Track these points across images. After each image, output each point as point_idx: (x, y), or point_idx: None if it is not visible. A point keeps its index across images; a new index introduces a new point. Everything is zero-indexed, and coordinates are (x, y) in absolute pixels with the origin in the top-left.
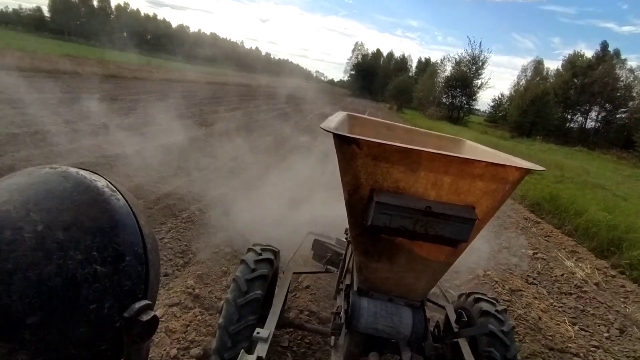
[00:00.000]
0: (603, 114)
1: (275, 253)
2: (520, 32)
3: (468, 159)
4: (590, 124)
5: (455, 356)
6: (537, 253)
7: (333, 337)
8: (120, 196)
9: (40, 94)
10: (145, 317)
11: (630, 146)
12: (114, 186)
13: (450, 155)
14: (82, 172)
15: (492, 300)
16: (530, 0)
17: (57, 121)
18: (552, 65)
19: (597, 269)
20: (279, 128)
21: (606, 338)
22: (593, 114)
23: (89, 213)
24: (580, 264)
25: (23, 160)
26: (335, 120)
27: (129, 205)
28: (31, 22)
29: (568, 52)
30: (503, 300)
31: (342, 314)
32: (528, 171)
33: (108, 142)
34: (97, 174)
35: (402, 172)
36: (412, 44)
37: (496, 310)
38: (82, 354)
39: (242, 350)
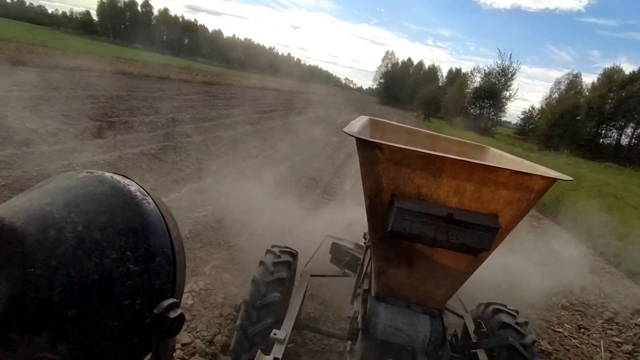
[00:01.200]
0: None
1: (294, 255)
2: (557, 44)
3: (492, 166)
4: (625, 140)
5: None
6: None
7: (349, 342)
8: (150, 200)
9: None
10: (173, 314)
11: None
12: (145, 190)
13: (473, 162)
14: (116, 176)
15: (512, 312)
16: (569, 12)
17: None
18: (589, 79)
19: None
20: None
21: None
22: (629, 131)
23: (123, 215)
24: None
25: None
26: (357, 124)
27: (158, 209)
28: (80, 25)
29: (607, 65)
30: None
31: (359, 319)
32: (554, 181)
33: None
34: (130, 178)
35: (424, 178)
36: (443, 54)
37: (517, 323)
38: (115, 347)
39: (259, 351)
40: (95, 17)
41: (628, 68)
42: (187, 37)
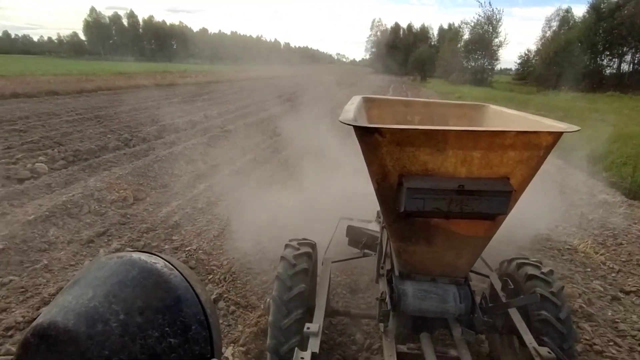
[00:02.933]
0: (638, 55)
1: (312, 246)
2: None
3: (496, 130)
4: (626, 67)
5: (507, 322)
6: None
7: (382, 325)
8: (177, 272)
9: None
10: None
11: None
12: (171, 263)
13: (477, 130)
14: (142, 256)
15: (536, 264)
16: None
17: None
18: (585, 10)
19: None
20: None
21: None
22: (629, 57)
23: (155, 295)
24: None
25: None
26: (352, 109)
27: (185, 279)
28: (71, 47)
29: None
30: None
31: (387, 299)
32: (561, 134)
33: None
34: (155, 254)
35: (429, 154)
36: (431, 10)
37: (542, 273)
38: None
39: (296, 348)
40: (83, 37)
41: None
42: (174, 41)
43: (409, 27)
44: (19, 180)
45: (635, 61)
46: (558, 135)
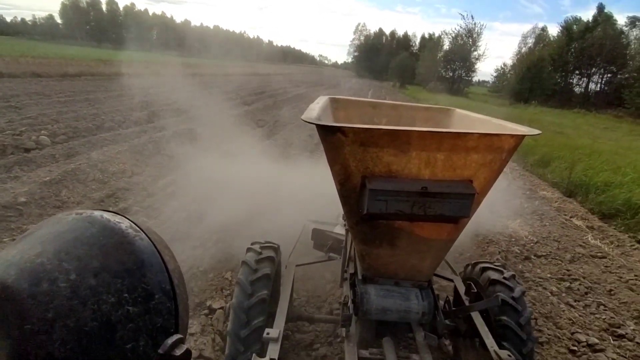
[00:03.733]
0: (608, 75)
1: (275, 249)
2: None
3: (460, 132)
4: (593, 86)
5: (469, 326)
6: None
7: (344, 329)
8: (144, 235)
9: None
10: (178, 352)
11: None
12: (137, 226)
13: (441, 132)
14: (105, 214)
15: (499, 268)
16: None
17: None
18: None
19: None
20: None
21: None
22: (597, 78)
23: (116, 256)
24: None
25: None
26: (316, 108)
27: (152, 243)
28: (46, 30)
29: (578, 14)
30: None
31: (349, 303)
32: (523, 137)
33: None
34: (120, 214)
35: (392, 155)
36: (415, 19)
37: (504, 278)
38: None
39: (254, 354)
40: (59, 20)
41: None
42: (155, 32)
43: (392, 33)
44: (25, 150)
45: (602, 82)
46: (520, 138)
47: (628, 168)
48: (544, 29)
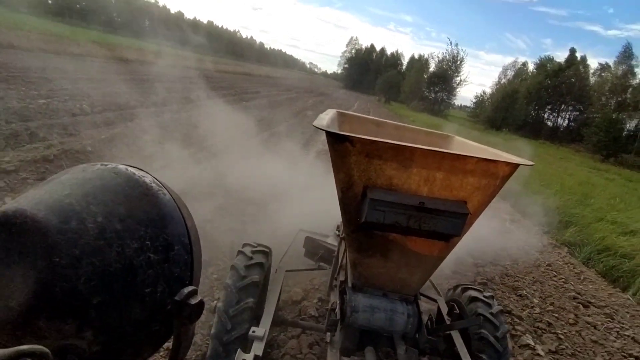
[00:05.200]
0: (576, 113)
1: (267, 254)
2: (513, 32)
3: (460, 155)
4: (562, 122)
5: (449, 347)
6: None
7: (329, 334)
8: (166, 191)
9: None
10: (193, 301)
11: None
12: (160, 182)
13: (442, 152)
14: (130, 168)
15: (479, 289)
16: (522, 1)
17: None
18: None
19: None
20: None
21: None
22: (567, 114)
23: (140, 206)
24: None
25: None
26: (326, 118)
27: (173, 199)
28: (33, 3)
29: (559, 53)
30: None
31: (337, 310)
32: (517, 166)
33: None
34: (144, 170)
35: (395, 169)
36: (406, 39)
37: (484, 296)
38: (137, 333)
39: (239, 349)
40: None
41: (578, 55)
42: (147, 19)
43: (382, 50)
44: (73, 114)
45: (571, 118)
46: (514, 166)
47: (557, 185)
48: (524, 64)
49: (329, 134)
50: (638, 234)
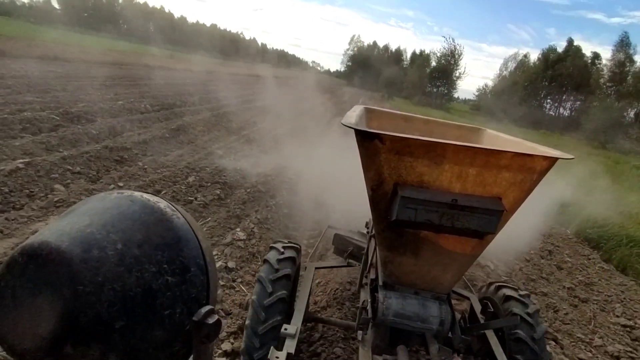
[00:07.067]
0: (577, 102)
1: (297, 250)
2: (516, 23)
3: (494, 150)
4: (563, 112)
5: (483, 345)
6: None
7: (360, 332)
8: (180, 215)
9: None
10: (210, 320)
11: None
12: (173, 206)
13: (475, 147)
14: (145, 195)
15: (514, 287)
16: None
17: None
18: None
19: None
20: None
21: None
22: (569, 104)
23: (156, 231)
24: None
25: None
26: (354, 115)
27: (188, 223)
28: (42, 14)
29: (562, 42)
30: None
31: (368, 308)
32: (556, 160)
33: None
34: (158, 196)
35: (426, 166)
36: (408, 34)
37: (520, 295)
38: (158, 354)
39: (272, 347)
40: (56, 5)
41: (584, 45)
42: (152, 25)
43: (385, 47)
44: (140, 112)
45: (572, 108)
46: (553, 160)
47: None
48: (526, 56)
49: (358, 132)
50: None
